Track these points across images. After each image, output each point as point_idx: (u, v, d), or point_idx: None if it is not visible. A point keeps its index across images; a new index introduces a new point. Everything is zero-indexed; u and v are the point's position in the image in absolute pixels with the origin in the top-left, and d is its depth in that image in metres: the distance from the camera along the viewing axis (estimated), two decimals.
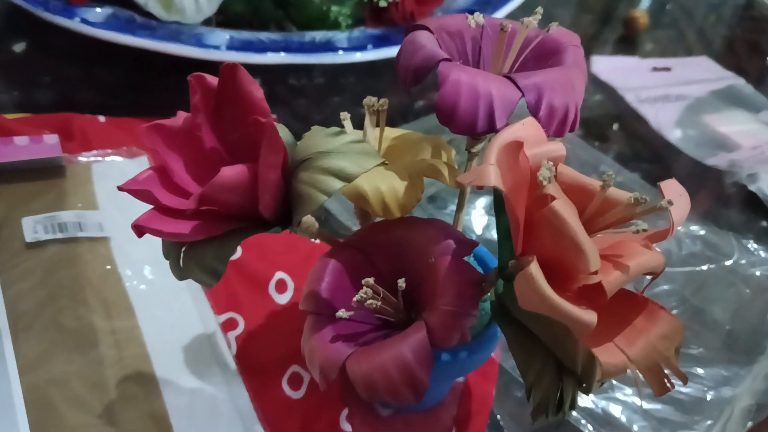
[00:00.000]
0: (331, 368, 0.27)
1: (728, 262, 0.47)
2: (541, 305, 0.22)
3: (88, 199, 0.42)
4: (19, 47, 0.62)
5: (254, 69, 0.58)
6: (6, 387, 0.32)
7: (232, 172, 0.23)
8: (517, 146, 0.24)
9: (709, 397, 0.38)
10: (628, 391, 0.38)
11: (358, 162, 0.25)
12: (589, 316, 0.22)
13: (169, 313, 0.38)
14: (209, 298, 0.39)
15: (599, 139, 0.63)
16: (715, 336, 0.43)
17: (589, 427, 0.36)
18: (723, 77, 0.73)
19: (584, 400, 0.37)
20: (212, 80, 0.26)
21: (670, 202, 0.23)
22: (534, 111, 0.26)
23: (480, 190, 0.29)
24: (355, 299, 0.27)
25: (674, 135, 0.62)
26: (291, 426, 0.35)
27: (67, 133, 0.47)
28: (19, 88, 0.57)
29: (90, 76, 0.60)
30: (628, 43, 0.80)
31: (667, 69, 0.73)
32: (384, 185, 0.28)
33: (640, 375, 0.24)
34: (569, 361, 0.26)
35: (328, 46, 0.56)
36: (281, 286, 0.42)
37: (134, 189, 0.26)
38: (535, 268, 0.22)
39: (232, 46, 0.53)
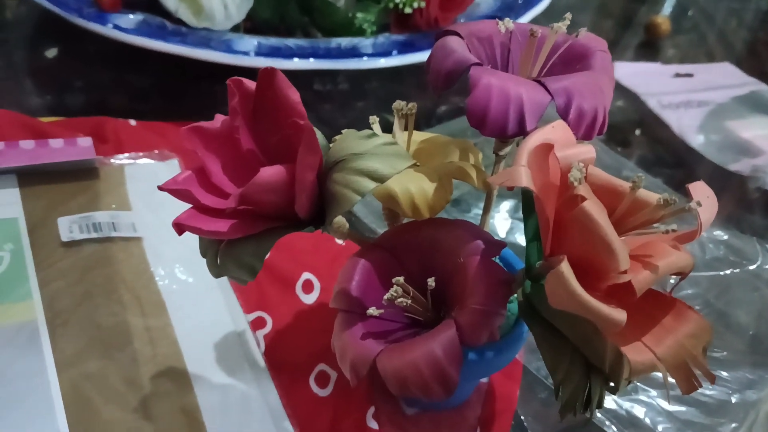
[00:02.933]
0: (362, 364, 0.27)
1: (752, 267, 0.47)
2: (572, 304, 0.22)
3: (122, 200, 0.43)
4: (51, 53, 0.64)
5: None
6: (44, 382, 0.33)
7: (271, 172, 0.24)
8: (547, 148, 0.25)
9: (733, 400, 0.38)
10: (653, 392, 0.38)
11: (390, 163, 0.26)
12: (619, 315, 0.22)
13: (200, 312, 0.39)
14: (239, 297, 0.40)
15: (622, 144, 0.63)
16: (739, 339, 0.43)
17: (614, 428, 0.37)
18: (746, 83, 0.73)
19: (608, 402, 0.38)
20: (250, 84, 0.27)
21: (698, 203, 0.24)
22: (563, 114, 0.27)
23: (510, 191, 0.29)
24: (385, 297, 0.27)
25: (697, 140, 0.62)
26: (319, 423, 0.35)
27: (100, 136, 0.48)
28: (51, 92, 0.58)
29: (121, 81, 0.61)
30: (649, 49, 0.80)
31: (690, 75, 0.73)
32: (414, 187, 0.29)
33: (668, 374, 0.24)
34: (597, 359, 0.26)
35: (354, 52, 0.56)
36: (308, 287, 0.42)
37: (174, 189, 0.26)
38: (566, 267, 0.22)
39: (261, 52, 0.54)
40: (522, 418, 0.38)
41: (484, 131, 0.27)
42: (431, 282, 0.28)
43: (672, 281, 0.44)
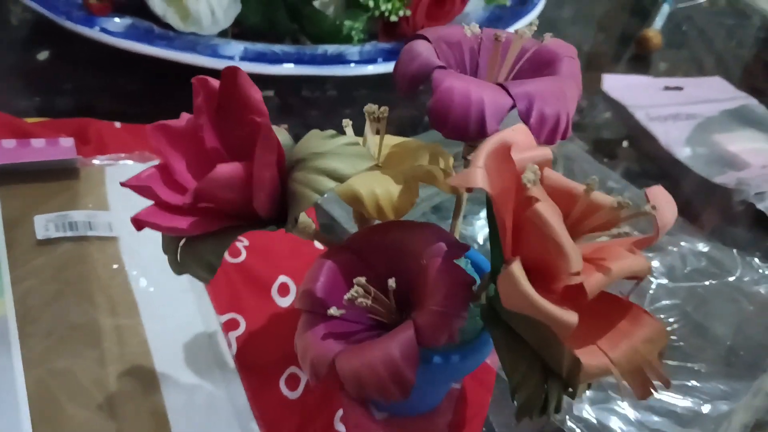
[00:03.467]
0: (321, 364, 0.27)
1: (731, 279, 0.47)
2: (523, 304, 0.22)
3: (100, 200, 0.43)
4: (42, 56, 0.64)
5: (268, 80, 0.60)
6: (10, 379, 0.33)
7: (227, 169, 0.24)
8: (505, 150, 0.25)
9: (705, 411, 0.38)
10: (625, 402, 0.38)
11: (351, 163, 0.26)
12: (570, 316, 0.22)
13: (172, 312, 0.39)
14: (212, 298, 0.40)
15: (608, 155, 0.63)
16: (715, 351, 0.42)
17: None
18: (736, 97, 0.73)
19: (579, 410, 0.38)
20: (215, 83, 0.27)
21: (654, 207, 0.24)
22: (525, 118, 0.27)
23: (469, 192, 0.29)
24: (346, 297, 0.27)
25: (683, 153, 0.62)
26: (286, 425, 0.35)
27: (83, 137, 0.48)
28: (40, 94, 0.59)
29: (110, 85, 0.61)
30: (640, 63, 0.81)
31: (679, 88, 0.73)
32: (379, 188, 0.29)
33: (622, 378, 0.24)
34: (555, 363, 0.26)
35: (340, 59, 0.57)
36: (284, 290, 0.42)
37: (136, 185, 0.27)
38: (516, 267, 0.22)
39: (246, 57, 0.54)
40: (493, 425, 0.38)
41: (445, 133, 0.27)
42: (392, 283, 0.28)
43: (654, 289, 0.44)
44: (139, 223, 0.26)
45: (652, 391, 0.25)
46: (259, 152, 0.24)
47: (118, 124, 0.52)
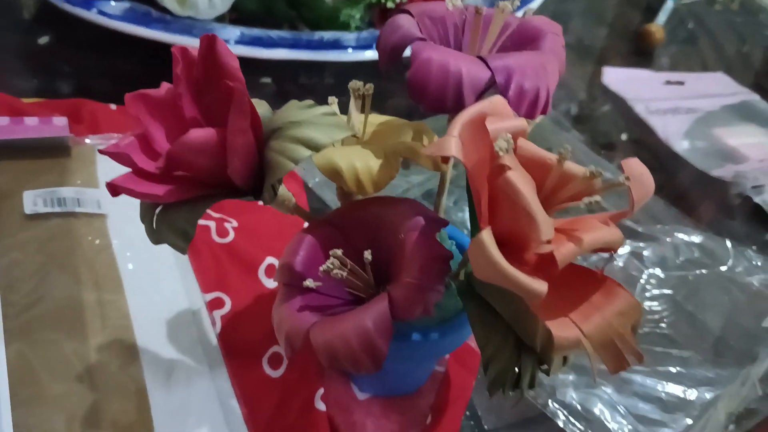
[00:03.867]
0: (296, 336, 0.27)
1: (723, 268, 0.46)
2: (492, 272, 0.22)
3: (90, 177, 0.44)
4: (43, 39, 0.65)
5: (266, 66, 0.60)
6: None
7: (200, 133, 0.24)
8: (481, 121, 0.25)
9: (691, 398, 0.38)
10: (609, 389, 0.38)
11: (327, 133, 0.26)
12: (539, 285, 0.22)
13: (156, 289, 0.39)
14: (198, 277, 0.40)
15: (606, 147, 0.63)
16: (704, 340, 0.42)
17: (568, 420, 0.36)
18: (738, 92, 0.72)
19: (563, 395, 0.37)
20: (194, 52, 0.27)
21: (627, 179, 0.24)
22: (504, 91, 0.27)
23: (445, 162, 0.29)
24: (321, 268, 0.27)
25: (681, 146, 0.62)
26: (266, 402, 0.35)
27: (77, 117, 0.49)
28: (39, 76, 0.59)
29: (108, 68, 0.62)
30: (642, 57, 0.80)
31: (681, 83, 0.72)
32: (359, 162, 0.29)
33: (594, 351, 0.24)
34: (528, 338, 0.26)
35: (336, 45, 0.57)
36: (271, 271, 0.42)
37: (114, 152, 0.27)
38: (486, 235, 0.22)
39: (242, 41, 0.54)
40: (477, 408, 0.38)
41: (423, 105, 0.27)
42: (368, 255, 0.28)
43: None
44: (114, 188, 0.26)
45: (625, 364, 0.24)
46: (233, 117, 0.24)
47: (113, 106, 0.52)
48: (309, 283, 0.28)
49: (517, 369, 0.26)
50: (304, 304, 0.29)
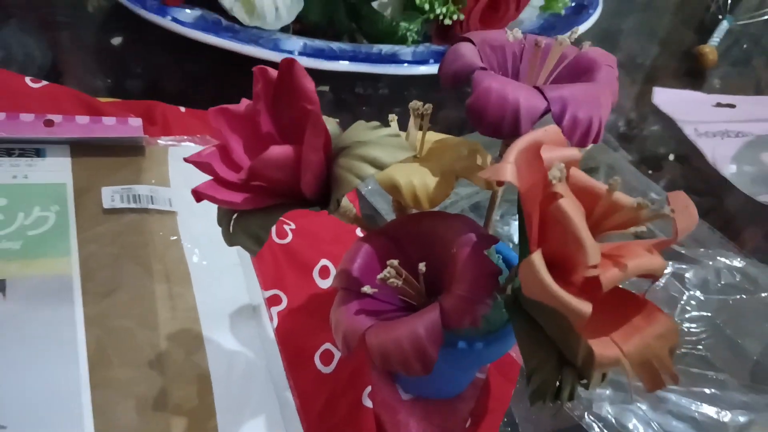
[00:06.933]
0: (352, 337, 0.30)
1: (764, 294, 0.47)
2: (541, 291, 0.24)
3: (162, 177, 0.47)
4: (116, 40, 0.69)
5: (324, 75, 0.63)
6: (72, 333, 0.36)
7: (279, 150, 0.27)
8: (536, 149, 0.27)
9: (725, 420, 0.39)
10: (644, 405, 0.39)
11: (391, 153, 0.28)
12: (584, 306, 0.24)
13: (221, 285, 0.42)
14: (258, 274, 0.43)
15: (653, 167, 0.64)
16: (742, 365, 0.43)
17: None
18: None
19: (599, 408, 0.39)
20: (273, 72, 0.30)
21: (672, 210, 0.25)
22: (558, 121, 0.29)
23: (500, 186, 0.31)
24: (379, 276, 0.30)
25: (729, 170, 0.62)
26: (318, 396, 0.38)
27: (150, 119, 0.52)
28: (112, 76, 0.63)
29: (177, 70, 0.65)
30: (694, 78, 0.80)
31: (732, 106, 0.73)
32: (417, 179, 0.31)
33: (632, 370, 0.26)
34: (570, 354, 0.28)
35: (394, 59, 0.59)
36: (324, 272, 0.45)
37: (197, 161, 0.29)
38: (537, 257, 0.24)
39: (305, 52, 0.57)
40: (515, 416, 0.40)
41: (480, 130, 0.29)
42: (422, 267, 0.30)
43: (689, 295, 0.45)
44: (198, 194, 0.28)
45: (661, 383, 0.26)
46: (309, 137, 0.27)
47: (182, 109, 0.55)
48: (366, 289, 0.30)
49: (557, 382, 0.28)
50: (360, 308, 0.31)
